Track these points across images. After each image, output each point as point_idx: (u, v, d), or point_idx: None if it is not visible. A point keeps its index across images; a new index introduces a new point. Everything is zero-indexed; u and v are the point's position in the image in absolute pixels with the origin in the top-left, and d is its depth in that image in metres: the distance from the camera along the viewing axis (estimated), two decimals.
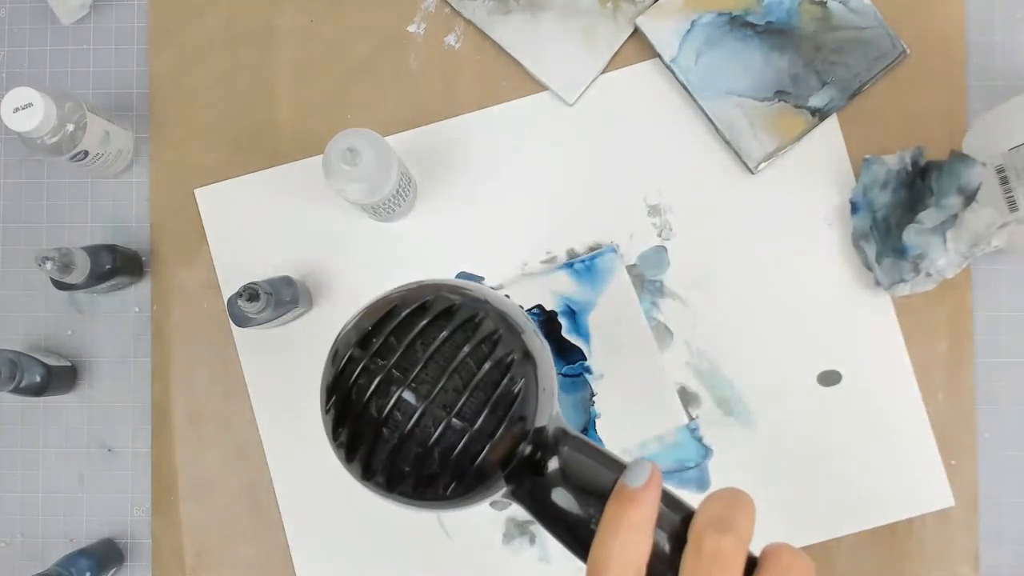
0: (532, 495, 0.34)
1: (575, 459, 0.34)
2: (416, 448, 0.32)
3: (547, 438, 0.34)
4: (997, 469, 0.68)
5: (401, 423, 0.32)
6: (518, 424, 0.33)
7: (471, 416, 0.32)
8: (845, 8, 0.69)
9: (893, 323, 0.69)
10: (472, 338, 0.33)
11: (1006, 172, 0.62)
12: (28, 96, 0.59)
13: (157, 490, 0.70)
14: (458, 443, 0.32)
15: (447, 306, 0.34)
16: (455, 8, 0.71)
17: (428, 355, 0.33)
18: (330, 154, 0.58)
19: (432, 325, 0.33)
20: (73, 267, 0.61)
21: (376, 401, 0.33)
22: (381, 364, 0.33)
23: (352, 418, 0.34)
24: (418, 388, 0.32)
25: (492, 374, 0.33)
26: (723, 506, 0.31)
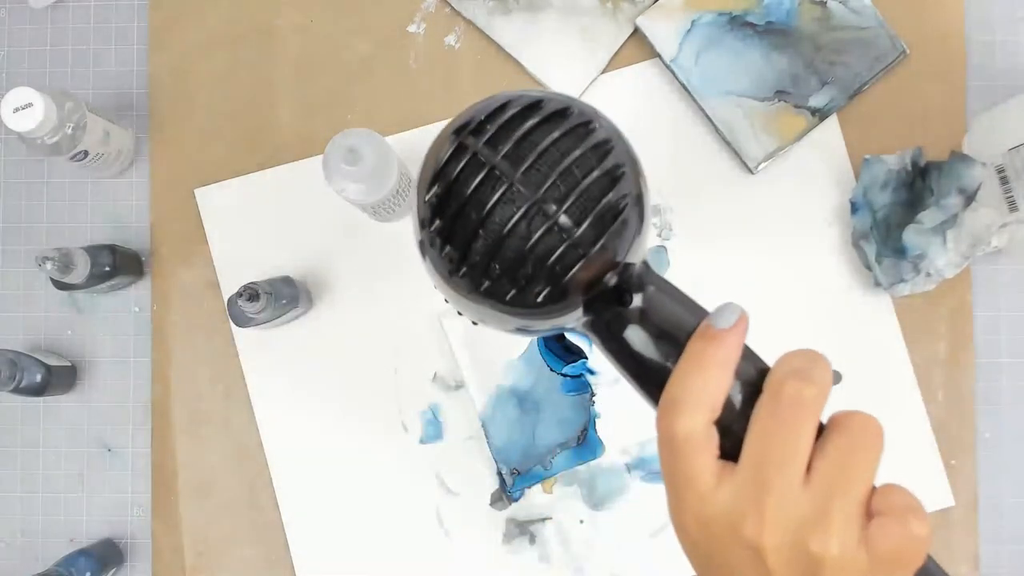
0: (609, 328, 0.33)
1: (659, 299, 0.33)
2: (517, 246, 0.31)
3: (633, 275, 0.33)
4: (997, 469, 0.68)
5: (506, 218, 0.31)
6: (615, 242, 0.32)
7: (573, 223, 0.31)
8: (845, 8, 0.69)
9: (893, 323, 0.69)
10: (584, 143, 0.32)
11: (1006, 172, 0.62)
12: (28, 96, 0.59)
13: (157, 490, 0.70)
14: (556, 248, 0.31)
15: (561, 107, 0.32)
16: (455, 8, 0.71)
17: (538, 153, 0.31)
18: (330, 154, 0.58)
19: (544, 123, 0.32)
20: (73, 267, 0.61)
21: (481, 191, 0.31)
22: (490, 153, 0.31)
23: (454, 206, 0.32)
24: (527, 183, 0.31)
25: (600, 185, 0.32)
26: (803, 359, 0.30)
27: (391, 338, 0.70)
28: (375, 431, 0.69)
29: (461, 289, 0.33)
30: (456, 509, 0.69)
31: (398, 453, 0.69)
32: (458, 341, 0.68)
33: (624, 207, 0.32)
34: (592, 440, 0.68)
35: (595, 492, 0.68)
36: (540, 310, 0.32)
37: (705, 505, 0.30)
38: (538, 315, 0.33)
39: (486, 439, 0.68)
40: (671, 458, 0.31)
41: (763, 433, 0.29)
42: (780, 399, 0.29)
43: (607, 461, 0.68)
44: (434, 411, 0.69)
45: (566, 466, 0.68)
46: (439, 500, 0.69)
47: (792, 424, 0.29)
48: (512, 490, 0.68)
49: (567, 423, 0.68)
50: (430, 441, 0.69)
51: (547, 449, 0.68)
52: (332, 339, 0.70)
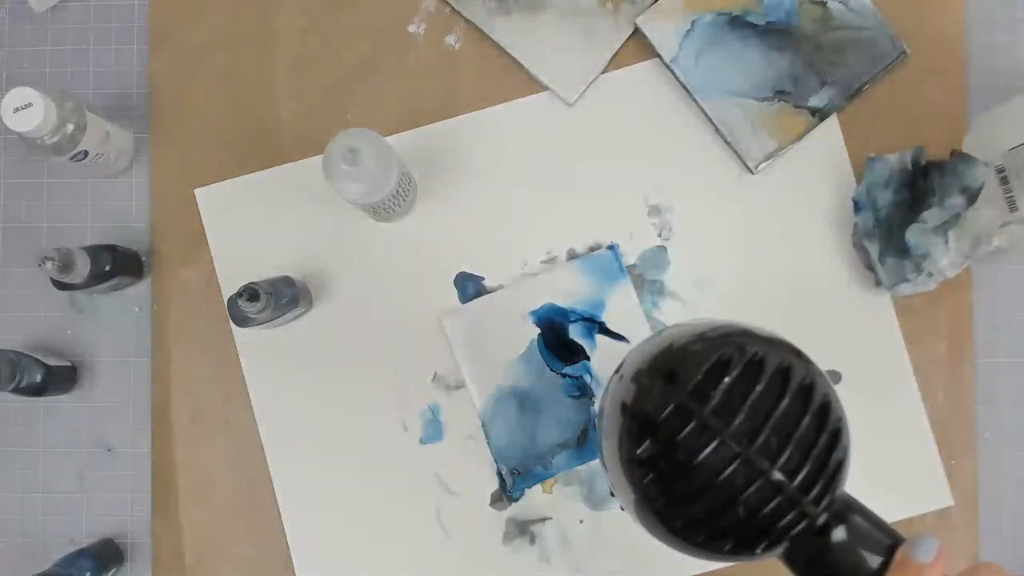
0: (809, 561, 0.34)
1: (863, 528, 0.34)
2: (741, 514, 0.32)
3: (836, 506, 0.34)
4: (997, 469, 0.68)
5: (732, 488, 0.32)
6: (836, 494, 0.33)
7: (803, 491, 0.32)
8: (845, 8, 0.69)
9: (893, 323, 0.69)
10: (809, 406, 0.33)
11: (1006, 172, 0.63)
12: (28, 96, 0.59)
13: (157, 490, 0.70)
14: (786, 514, 0.32)
15: (782, 366, 0.33)
16: (455, 8, 0.71)
17: (771, 425, 0.32)
18: (330, 154, 0.58)
19: (770, 387, 0.33)
20: (73, 267, 0.61)
21: (708, 461, 0.32)
22: (719, 423, 0.32)
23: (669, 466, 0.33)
24: (758, 457, 0.32)
25: (827, 444, 0.33)
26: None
27: (391, 338, 0.70)
28: (375, 431, 0.69)
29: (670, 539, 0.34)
30: (456, 509, 0.69)
31: (398, 453, 0.69)
32: (458, 341, 0.68)
33: (844, 458, 0.33)
34: (592, 440, 0.68)
35: (595, 492, 0.68)
36: (754, 558, 0.33)
37: None
38: (742, 559, 0.34)
39: (486, 439, 0.68)
40: None
41: None
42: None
43: None
44: (434, 411, 0.69)
45: (566, 466, 0.68)
46: (439, 500, 0.69)
47: None
48: (512, 490, 0.68)
49: (567, 423, 0.68)
50: (430, 441, 0.69)
51: (547, 449, 0.68)
52: (332, 339, 0.70)
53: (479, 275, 0.70)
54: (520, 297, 0.68)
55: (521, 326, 0.68)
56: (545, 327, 0.68)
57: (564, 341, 0.68)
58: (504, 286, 0.69)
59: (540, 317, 0.68)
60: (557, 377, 0.68)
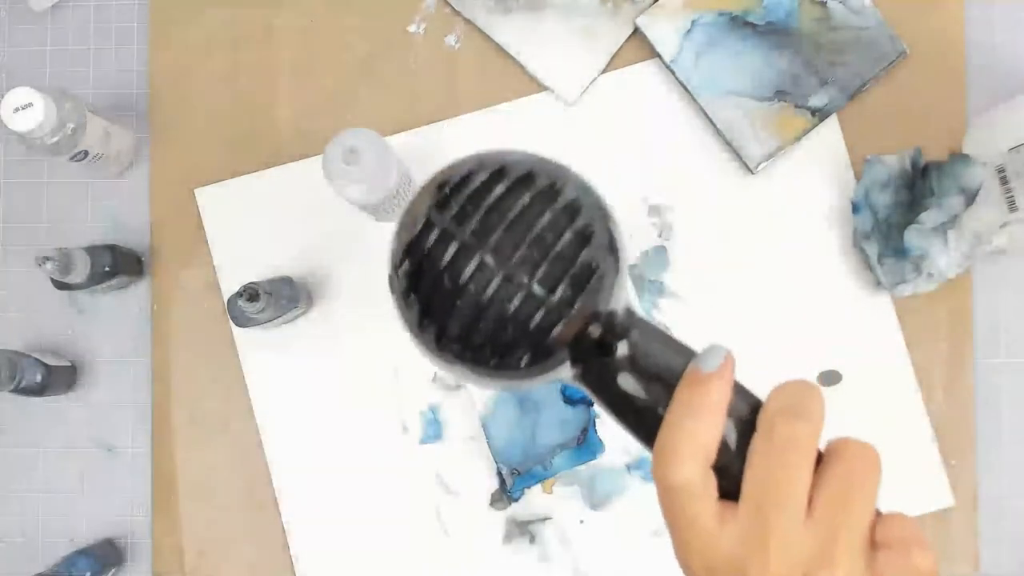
0: (600, 379, 0.33)
1: (645, 344, 0.33)
2: (494, 316, 0.32)
3: (616, 323, 0.33)
4: (997, 469, 0.68)
5: (480, 290, 0.32)
6: (593, 299, 0.32)
7: (550, 287, 0.32)
8: (845, 8, 0.69)
9: (893, 323, 0.69)
10: (552, 206, 0.32)
11: (1006, 172, 0.62)
12: (28, 96, 0.59)
13: (157, 490, 0.70)
14: (535, 313, 0.31)
15: (525, 171, 0.33)
16: (455, 8, 0.71)
17: (507, 222, 0.32)
18: (330, 154, 0.58)
19: (511, 191, 0.33)
20: (73, 267, 0.61)
21: (454, 266, 0.32)
22: (459, 228, 0.32)
23: (428, 283, 0.33)
24: (498, 255, 0.32)
25: (572, 246, 0.32)
26: (795, 395, 0.30)
27: (391, 338, 0.70)
28: (375, 431, 0.69)
29: (444, 357, 0.34)
30: (456, 509, 0.69)
31: (398, 453, 0.69)
32: None
33: (597, 265, 0.32)
34: (592, 440, 0.68)
35: (595, 492, 0.68)
36: (526, 372, 0.33)
37: (709, 550, 0.30)
38: (524, 376, 0.33)
39: (486, 439, 0.68)
40: (671, 506, 0.31)
41: (760, 473, 0.29)
42: (773, 438, 0.29)
43: (607, 461, 0.68)
44: (434, 411, 0.69)
45: (566, 466, 0.68)
46: (439, 500, 0.69)
47: (788, 463, 0.29)
48: (512, 490, 0.68)
49: (567, 423, 0.68)
50: (430, 441, 0.69)
51: (547, 449, 0.68)
52: (332, 339, 0.70)
53: None
54: None
55: None
56: None
57: None
58: None
59: None
60: None
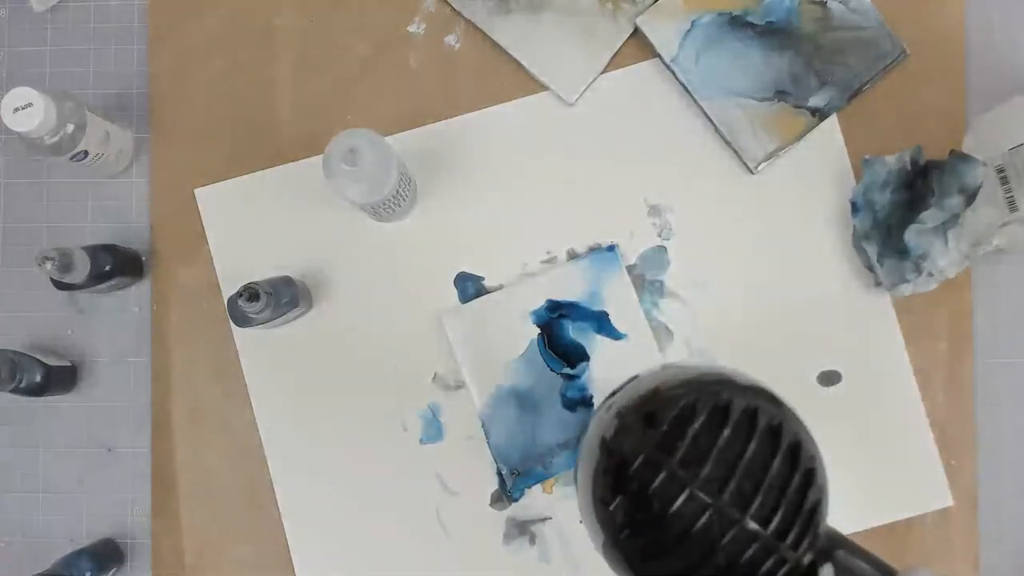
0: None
1: (850, 563, 0.33)
2: (719, 565, 0.32)
3: (820, 544, 0.33)
4: (997, 469, 0.68)
5: (706, 539, 0.32)
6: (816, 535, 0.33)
7: (778, 537, 0.32)
8: (845, 8, 0.69)
9: (893, 323, 0.69)
10: (778, 448, 0.33)
11: (1006, 172, 0.62)
12: (28, 96, 0.59)
13: (157, 490, 0.70)
14: (763, 562, 0.32)
15: (747, 409, 0.33)
16: (455, 8, 0.71)
17: (741, 470, 0.32)
18: (330, 154, 0.58)
19: (736, 432, 0.33)
20: (73, 267, 0.61)
21: (681, 512, 0.32)
22: (688, 474, 0.32)
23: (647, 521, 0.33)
24: (729, 506, 0.32)
25: (799, 487, 0.32)
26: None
27: (391, 338, 0.70)
28: (375, 431, 0.69)
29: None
30: (456, 509, 0.69)
31: (398, 453, 0.69)
32: (458, 341, 0.68)
33: (820, 498, 0.32)
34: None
35: None
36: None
37: None
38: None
39: (486, 439, 0.68)
40: None
41: None
42: None
43: None
44: (434, 411, 0.69)
45: (566, 466, 0.68)
46: (439, 500, 0.69)
47: None
48: (512, 490, 0.68)
49: (567, 424, 0.68)
50: (430, 441, 0.69)
51: (547, 449, 0.68)
52: (332, 339, 0.70)
53: (479, 275, 0.70)
54: (520, 297, 0.68)
55: (521, 326, 0.68)
56: (545, 327, 0.68)
57: (564, 341, 0.68)
58: (504, 286, 0.69)
59: (540, 317, 0.68)
60: (557, 377, 0.68)
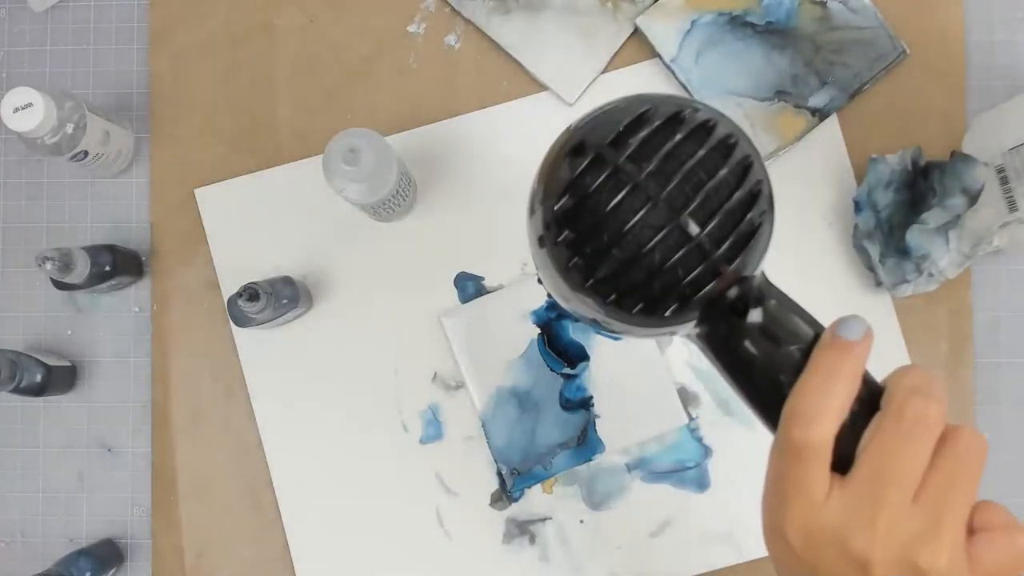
0: (724, 340, 0.33)
1: (780, 311, 0.33)
2: (651, 265, 0.31)
3: (754, 287, 0.33)
4: (997, 469, 0.68)
5: (643, 237, 0.31)
6: (748, 261, 0.32)
7: (713, 244, 0.31)
8: (845, 8, 0.69)
9: (893, 323, 0.69)
10: (729, 160, 0.32)
11: (1006, 172, 0.63)
12: (28, 96, 0.59)
13: (157, 490, 0.70)
14: (693, 268, 0.31)
15: (704, 120, 0.32)
16: (455, 8, 0.71)
17: (684, 172, 0.31)
18: (330, 154, 0.58)
19: (689, 139, 0.32)
20: (73, 267, 0.61)
21: (623, 208, 0.31)
22: (634, 170, 0.31)
23: (588, 220, 0.32)
24: (670, 204, 0.31)
25: (742, 204, 0.32)
26: (923, 377, 0.31)
27: (391, 338, 0.70)
28: (375, 431, 0.69)
29: (583, 298, 0.33)
30: (456, 509, 0.69)
31: (398, 453, 0.69)
32: (458, 341, 0.68)
33: (761, 224, 0.32)
34: (592, 440, 0.68)
35: (595, 492, 0.68)
36: (662, 322, 0.32)
37: (814, 516, 0.30)
38: (655, 325, 0.33)
39: (486, 439, 0.68)
40: (787, 466, 0.31)
41: (883, 449, 0.30)
42: (903, 417, 0.30)
43: (607, 461, 0.68)
44: (434, 411, 0.69)
45: (566, 466, 0.68)
46: (439, 500, 0.69)
47: (915, 442, 0.29)
48: (512, 490, 0.68)
49: (567, 423, 0.68)
50: (430, 441, 0.69)
51: (547, 449, 0.68)
52: (332, 339, 0.70)
53: (479, 275, 0.70)
54: (520, 297, 0.68)
55: (521, 326, 0.68)
56: (545, 327, 0.68)
57: (564, 341, 0.68)
58: (504, 286, 0.69)
59: (540, 317, 0.68)
60: (557, 377, 0.68)
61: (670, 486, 0.68)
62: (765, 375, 0.33)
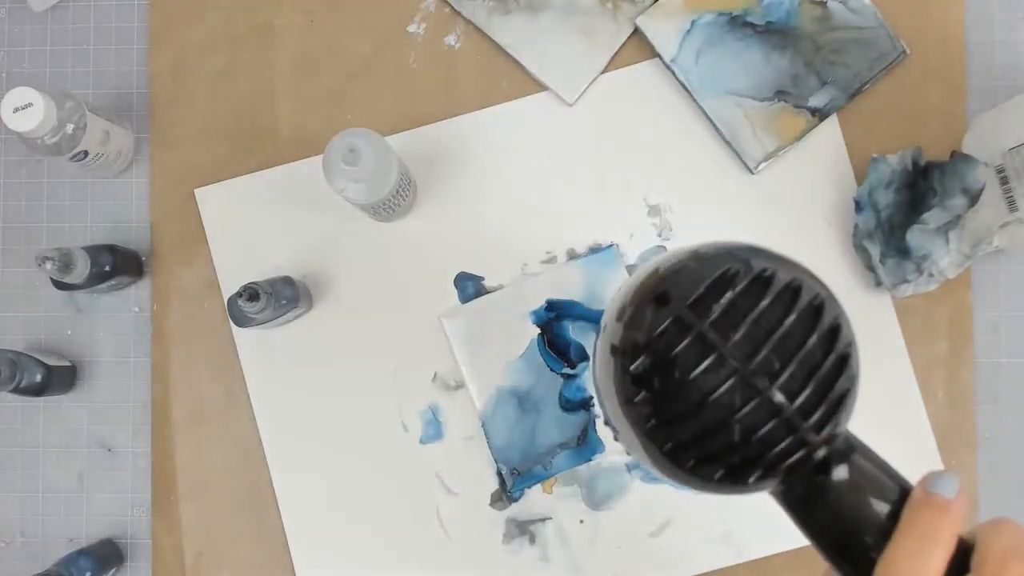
0: (805, 498, 0.31)
1: (866, 469, 0.32)
2: (736, 436, 0.30)
3: (839, 443, 0.31)
4: (997, 469, 0.68)
5: (726, 408, 0.30)
6: (837, 426, 0.31)
7: (803, 416, 0.30)
8: (845, 8, 0.69)
9: (893, 323, 0.69)
10: (817, 326, 0.30)
11: (1006, 172, 0.62)
12: (28, 96, 0.59)
13: (157, 490, 0.70)
14: (782, 440, 0.30)
15: (789, 282, 0.31)
16: (455, 8, 0.71)
17: (775, 341, 0.30)
18: (330, 154, 0.58)
19: (775, 304, 0.30)
20: (73, 267, 0.61)
21: (705, 378, 0.30)
22: (718, 337, 0.30)
23: (667, 384, 0.30)
24: (757, 375, 0.30)
25: (833, 369, 0.30)
26: (1019, 536, 0.29)
27: (391, 338, 0.70)
28: (375, 431, 0.69)
29: (660, 462, 0.32)
30: (456, 509, 0.69)
31: (398, 453, 0.69)
32: (458, 341, 0.68)
33: (850, 388, 0.31)
34: (592, 440, 0.68)
35: (595, 492, 0.68)
36: (744, 489, 0.31)
37: None
38: (735, 492, 0.32)
39: (486, 439, 0.68)
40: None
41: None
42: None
43: (607, 461, 0.68)
44: (434, 411, 0.69)
45: (566, 466, 0.68)
46: (439, 500, 0.69)
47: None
48: (512, 490, 0.68)
49: (567, 423, 0.68)
50: (430, 441, 0.69)
51: (547, 449, 0.68)
52: (332, 339, 0.70)
53: (479, 275, 0.70)
54: (520, 297, 0.68)
55: (521, 326, 0.68)
56: (545, 327, 0.68)
57: (564, 341, 0.68)
58: (504, 286, 0.69)
59: (540, 317, 0.68)
60: (557, 377, 0.68)
61: (670, 486, 0.68)
62: (849, 535, 0.31)
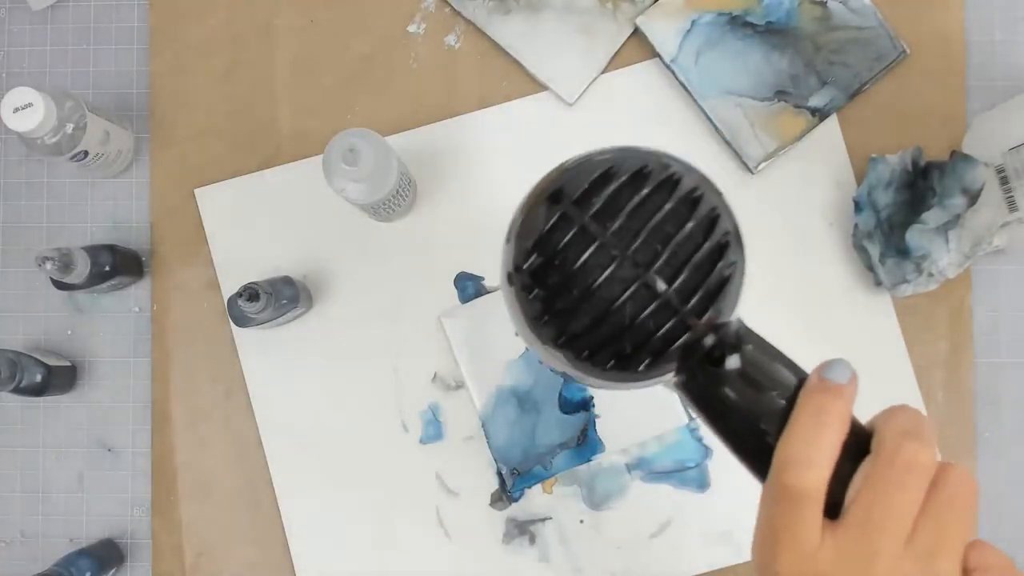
0: (704, 388, 0.33)
1: (758, 357, 0.33)
2: (623, 319, 0.31)
3: (731, 332, 0.33)
4: (997, 469, 0.68)
5: (614, 292, 0.31)
6: (721, 311, 0.32)
7: (682, 299, 0.32)
8: (845, 8, 0.69)
9: (893, 323, 0.69)
10: (695, 213, 0.32)
11: (1006, 172, 0.63)
12: (28, 96, 0.59)
13: (157, 490, 0.70)
14: (664, 323, 0.31)
15: (668, 175, 0.33)
16: (455, 8, 0.71)
17: (651, 228, 0.32)
18: (330, 154, 0.58)
19: (654, 194, 0.32)
20: (73, 267, 0.61)
21: (589, 265, 0.32)
22: (599, 228, 0.32)
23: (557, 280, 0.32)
24: (638, 259, 0.31)
25: (710, 255, 0.32)
26: (912, 419, 0.30)
27: (391, 338, 0.70)
28: (375, 431, 0.69)
29: (556, 354, 0.33)
30: (456, 509, 0.69)
31: (398, 453, 0.69)
32: (458, 341, 0.68)
33: (731, 275, 0.32)
34: (592, 440, 0.68)
35: (595, 492, 0.68)
36: (637, 376, 0.32)
37: (807, 563, 0.30)
38: (631, 379, 0.33)
39: (486, 439, 0.68)
40: (780, 512, 0.30)
41: (875, 496, 0.29)
42: (895, 463, 0.29)
43: (607, 461, 0.68)
44: (434, 411, 0.69)
45: (566, 466, 0.68)
46: (439, 500, 0.69)
47: (907, 488, 0.29)
48: (512, 490, 0.68)
49: (567, 423, 0.68)
50: (430, 441, 0.69)
51: (547, 449, 0.68)
52: (332, 339, 0.70)
53: (479, 275, 0.70)
54: None
55: None
56: None
57: None
58: None
59: None
60: (557, 377, 0.68)
61: (670, 486, 0.68)
62: (747, 422, 0.32)
